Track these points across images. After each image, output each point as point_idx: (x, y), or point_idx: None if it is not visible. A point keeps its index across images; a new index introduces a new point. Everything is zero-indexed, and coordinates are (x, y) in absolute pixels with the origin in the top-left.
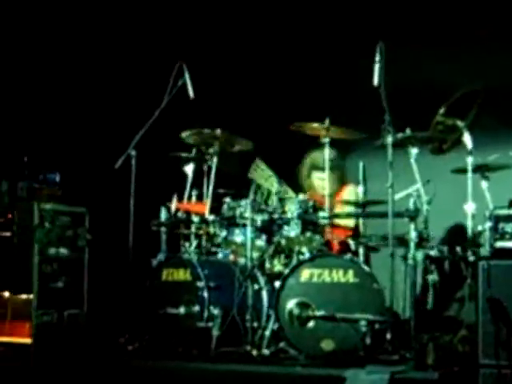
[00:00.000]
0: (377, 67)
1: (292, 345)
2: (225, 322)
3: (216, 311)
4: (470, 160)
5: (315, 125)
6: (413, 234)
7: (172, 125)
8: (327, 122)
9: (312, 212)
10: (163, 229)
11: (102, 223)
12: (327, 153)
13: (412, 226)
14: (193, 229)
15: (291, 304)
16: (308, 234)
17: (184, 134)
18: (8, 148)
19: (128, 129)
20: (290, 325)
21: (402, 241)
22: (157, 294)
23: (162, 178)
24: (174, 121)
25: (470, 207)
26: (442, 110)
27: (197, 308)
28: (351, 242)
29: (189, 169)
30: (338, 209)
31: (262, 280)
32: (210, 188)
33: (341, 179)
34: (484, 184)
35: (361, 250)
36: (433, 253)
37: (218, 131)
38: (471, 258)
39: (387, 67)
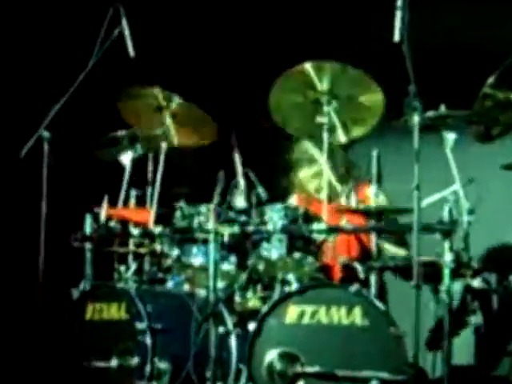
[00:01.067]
0: (398, 17)
1: None
2: (176, 381)
3: (163, 365)
4: None
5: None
6: (447, 257)
7: (103, 96)
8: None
9: (303, 223)
10: (88, 245)
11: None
12: (325, 137)
13: (446, 246)
14: (131, 245)
15: (271, 356)
16: (297, 256)
17: (121, 103)
18: None
19: (40, 103)
20: None
21: (433, 266)
22: (79, 338)
23: (87, 171)
24: (105, 90)
25: None
26: (491, 80)
27: (136, 360)
28: (359, 267)
29: (126, 159)
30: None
31: (229, 321)
32: (157, 186)
33: (348, 176)
34: None
35: (373, 279)
36: (476, 284)
37: (177, 99)
38: None
39: (415, 21)
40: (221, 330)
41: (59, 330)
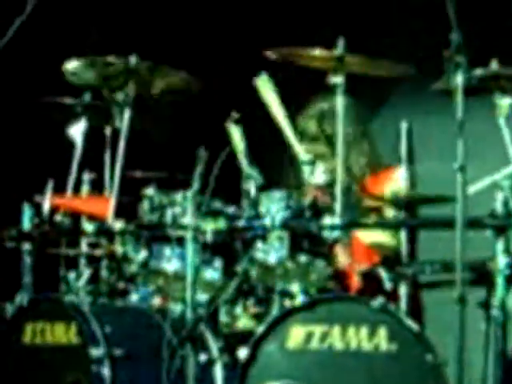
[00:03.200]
0: None
1: None
2: None
3: None
4: None
5: (317, 52)
6: (501, 261)
7: (46, 49)
8: (340, 45)
9: (310, 216)
10: (27, 245)
11: None
12: (340, 103)
13: (500, 246)
14: (84, 246)
15: None
16: (303, 259)
17: (70, 66)
18: None
19: None
20: None
21: (482, 274)
22: (15, 368)
23: (25, 149)
24: (49, 42)
25: None
26: None
27: None
28: (384, 275)
29: (76, 132)
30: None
31: (214, 346)
32: (118, 169)
33: (368, 155)
34: None
35: (403, 290)
36: None
37: (134, 60)
38: None
39: None
40: (202, 357)
41: None
